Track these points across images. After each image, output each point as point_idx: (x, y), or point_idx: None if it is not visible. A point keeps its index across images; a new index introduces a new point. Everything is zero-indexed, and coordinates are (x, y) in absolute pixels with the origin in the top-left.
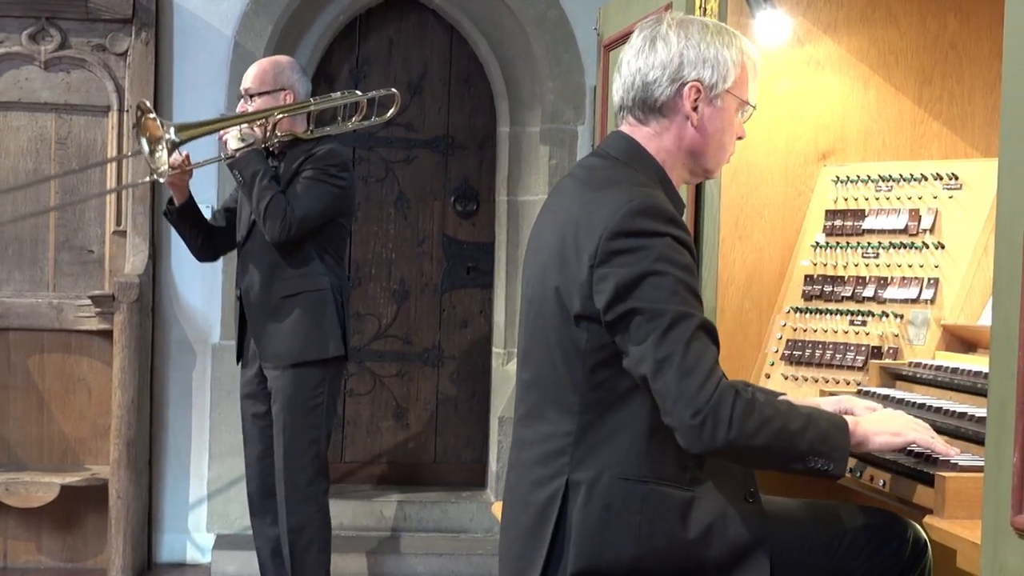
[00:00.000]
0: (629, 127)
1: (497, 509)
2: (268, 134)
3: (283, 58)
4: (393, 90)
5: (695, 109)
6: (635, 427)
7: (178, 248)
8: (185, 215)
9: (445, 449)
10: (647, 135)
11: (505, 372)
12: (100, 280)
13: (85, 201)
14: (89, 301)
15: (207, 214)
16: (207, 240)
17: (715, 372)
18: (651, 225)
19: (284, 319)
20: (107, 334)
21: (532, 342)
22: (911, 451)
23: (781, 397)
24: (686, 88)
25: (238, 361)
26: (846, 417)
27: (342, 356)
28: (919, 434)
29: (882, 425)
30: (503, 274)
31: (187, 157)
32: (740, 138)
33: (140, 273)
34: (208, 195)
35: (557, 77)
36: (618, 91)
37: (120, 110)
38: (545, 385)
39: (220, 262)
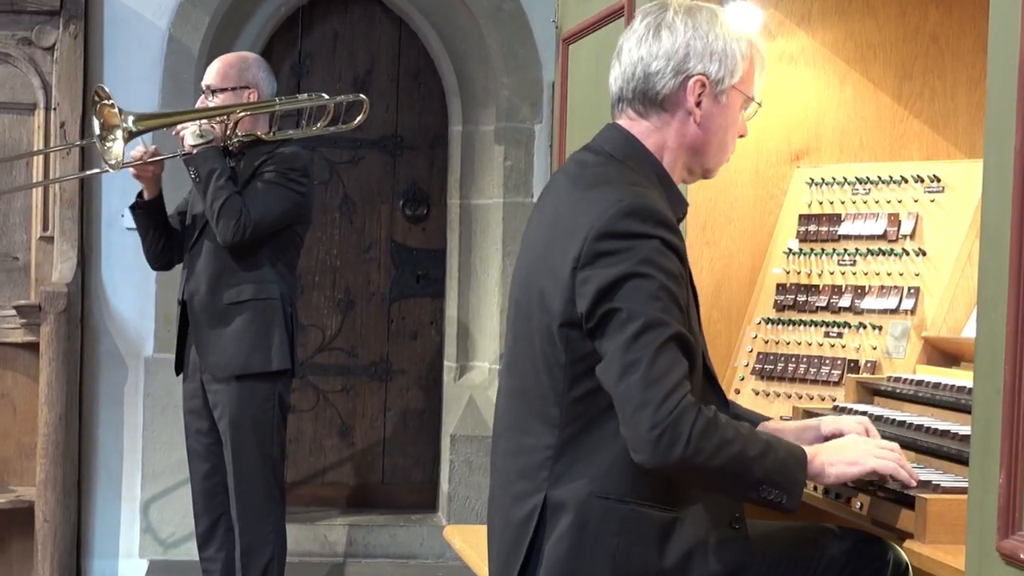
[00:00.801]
0: (628, 121)
1: (450, 533)
2: (228, 132)
3: (249, 55)
4: (362, 96)
5: (699, 104)
6: (617, 444)
7: (109, 255)
8: (152, 212)
9: (393, 469)
10: (646, 130)
11: (457, 387)
12: (25, 289)
13: (15, 191)
14: (13, 311)
15: None
16: (167, 244)
17: (681, 386)
18: (640, 227)
19: (228, 327)
20: (33, 347)
21: (517, 349)
22: (871, 481)
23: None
24: (691, 81)
25: (177, 373)
26: (807, 448)
27: (288, 370)
28: (880, 461)
29: (839, 454)
30: (455, 283)
31: (156, 150)
32: (742, 136)
33: (68, 282)
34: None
35: (513, 72)
36: (616, 81)
37: (47, 108)
38: (528, 395)
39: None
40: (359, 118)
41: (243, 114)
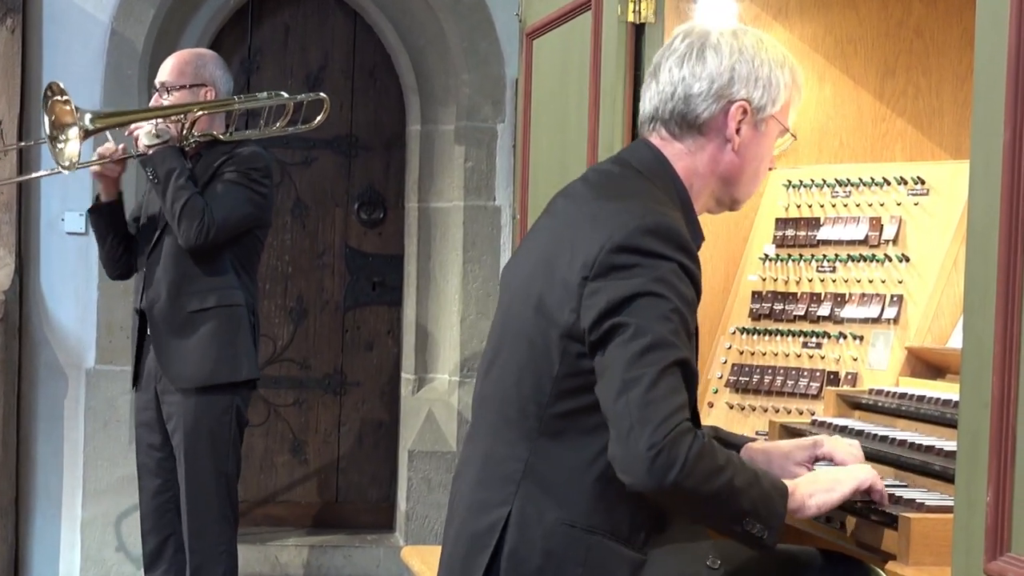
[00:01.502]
0: (659, 140)
1: (408, 554)
2: (185, 132)
3: (206, 51)
4: (322, 94)
5: (738, 132)
6: (593, 470)
7: (49, 261)
8: (112, 216)
9: (348, 487)
10: (678, 152)
11: (416, 401)
12: None
13: None
14: None
15: None
16: (127, 250)
17: (681, 412)
18: (660, 247)
19: (192, 336)
20: None
21: (503, 353)
22: (856, 501)
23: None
24: (733, 107)
25: (134, 385)
26: (787, 483)
27: (253, 381)
28: (860, 479)
29: (814, 485)
30: (413, 290)
31: (124, 148)
32: (771, 169)
33: (5, 289)
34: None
35: (474, 69)
36: (652, 99)
37: None
38: (507, 403)
39: (96, 277)
40: (319, 118)
41: (200, 113)
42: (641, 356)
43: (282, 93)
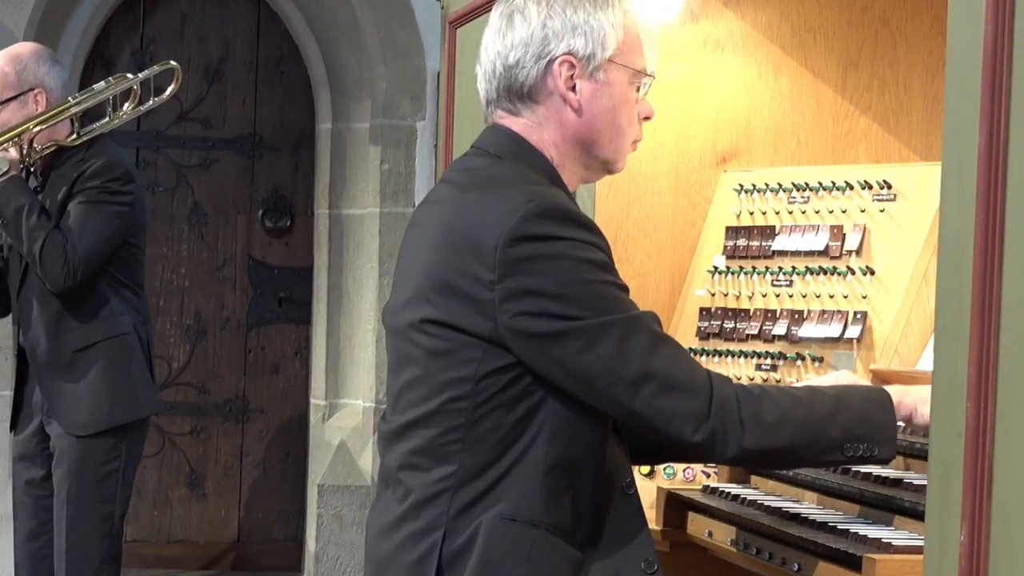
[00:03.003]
0: (505, 120)
1: None
2: (26, 151)
3: (22, 49)
4: (171, 62)
5: (572, 89)
6: (528, 464)
7: None
8: None
9: (251, 525)
10: (525, 127)
11: (326, 429)
12: None
13: None
14: None
15: None
16: (2, 287)
17: (698, 371)
18: (557, 229)
19: (81, 379)
20: None
21: (404, 381)
22: (834, 526)
23: (801, 385)
24: (555, 64)
25: (12, 428)
26: (891, 389)
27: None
28: None
29: (926, 392)
30: (324, 306)
31: None
32: (647, 118)
33: None
34: None
35: (391, 61)
36: (481, 84)
37: None
38: (419, 427)
39: None
40: (171, 88)
41: (37, 129)
42: (623, 351)
43: (126, 75)
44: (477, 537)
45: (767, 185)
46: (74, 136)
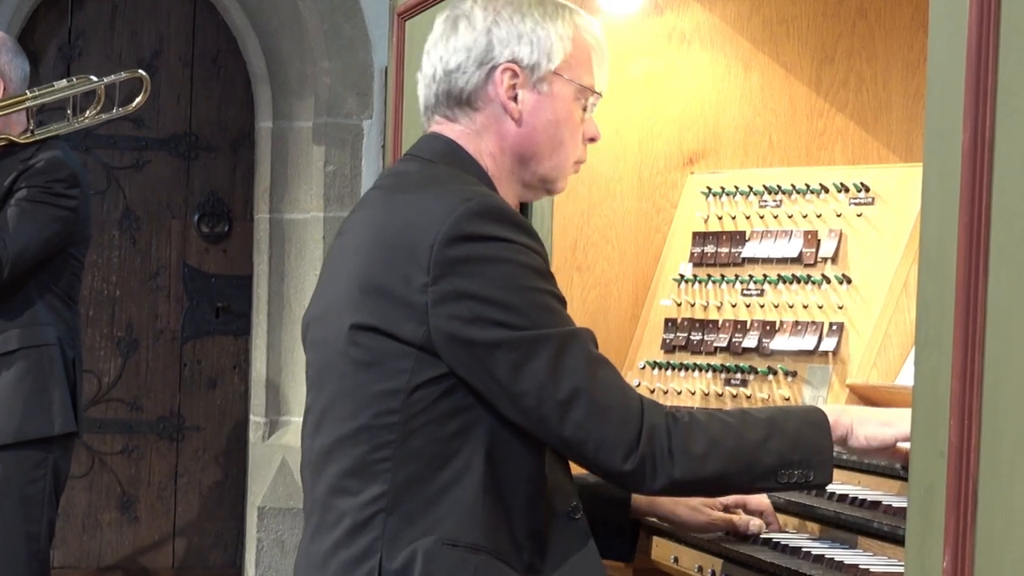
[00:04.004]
0: (442, 127)
1: None
2: None
3: None
4: (140, 72)
5: (514, 99)
6: (464, 483)
7: None
8: None
9: (187, 550)
10: (462, 135)
11: (267, 448)
12: None
13: None
14: None
15: None
16: None
17: (630, 396)
18: (496, 229)
19: None
20: None
21: (326, 398)
22: (808, 551)
23: (733, 409)
24: (498, 71)
25: None
26: (826, 409)
27: (72, 433)
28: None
29: (867, 413)
30: (264, 317)
31: None
32: (592, 140)
33: None
34: None
35: (336, 55)
36: (421, 90)
37: None
38: (344, 447)
39: None
40: (138, 99)
41: None
42: (557, 369)
43: (90, 77)
44: (415, 563)
45: (737, 188)
46: (28, 134)
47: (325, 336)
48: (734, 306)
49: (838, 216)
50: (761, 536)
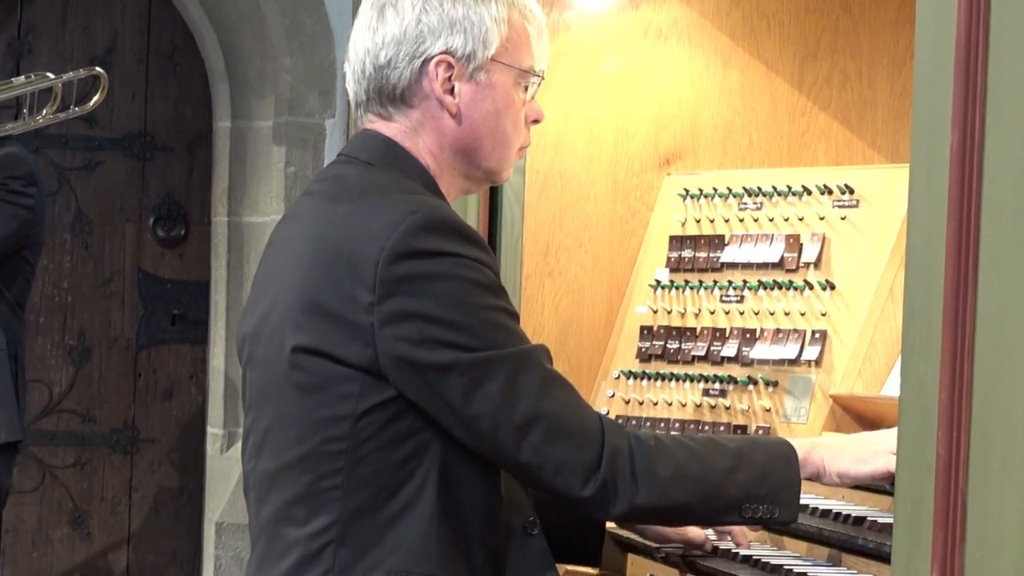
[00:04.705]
0: (376, 124)
1: None
2: None
3: None
4: (98, 69)
5: (451, 92)
6: (418, 511)
7: None
8: None
9: (142, 568)
10: (398, 132)
11: (225, 461)
12: None
13: None
14: None
15: None
16: None
17: (589, 417)
18: (444, 244)
19: None
20: None
21: (266, 421)
22: (789, 569)
23: (701, 436)
24: (431, 64)
25: None
26: (796, 443)
27: (16, 443)
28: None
29: (841, 449)
30: (222, 324)
31: None
32: (536, 122)
33: None
34: None
35: (298, 52)
36: (350, 84)
37: None
38: (289, 474)
39: None
40: (96, 98)
41: None
42: (512, 390)
43: (47, 74)
44: None
45: (715, 190)
46: None
47: (265, 355)
48: (712, 313)
49: (821, 219)
50: (741, 554)
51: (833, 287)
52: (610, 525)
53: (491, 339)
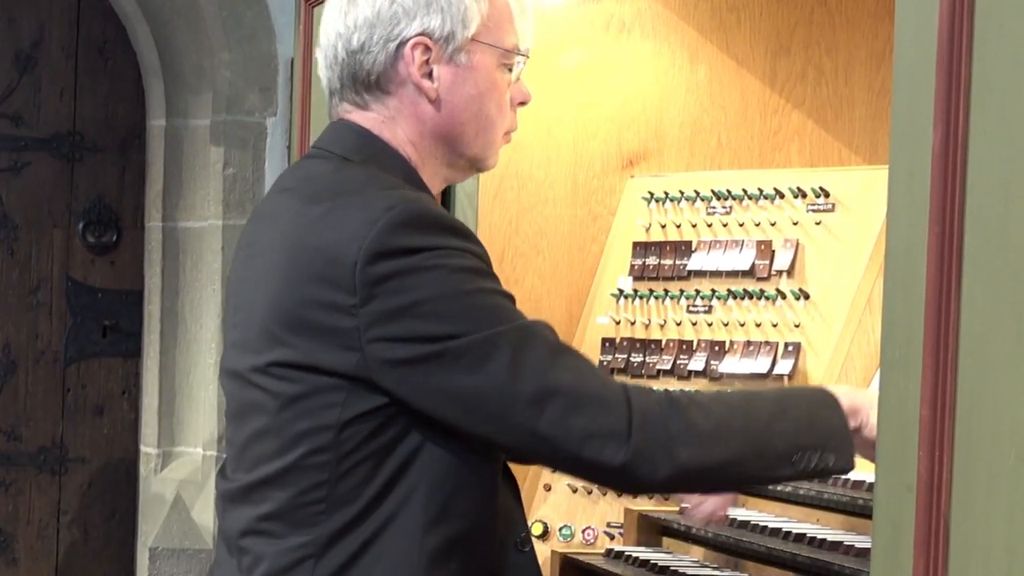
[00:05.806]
0: (351, 114)
1: None
2: None
3: None
4: None
5: (429, 76)
6: (403, 523)
7: None
8: None
9: None
10: (375, 122)
11: (160, 482)
12: None
13: None
14: None
15: None
16: None
17: (609, 382)
18: (424, 239)
19: None
20: None
21: (245, 435)
22: None
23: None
24: (407, 47)
25: None
26: (830, 388)
27: None
28: None
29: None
30: (156, 336)
31: None
32: (523, 103)
33: None
34: None
35: (237, 46)
36: (322, 71)
37: None
38: (269, 489)
39: None
40: None
41: None
42: (518, 371)
43: None
44: None
45: (682, 193)
46: None
47: (246, 366)
48: (679, 324)
49: (794, 224)
50: None
51: (807, 297)
52: (647, 506)
53: (482, 321)
